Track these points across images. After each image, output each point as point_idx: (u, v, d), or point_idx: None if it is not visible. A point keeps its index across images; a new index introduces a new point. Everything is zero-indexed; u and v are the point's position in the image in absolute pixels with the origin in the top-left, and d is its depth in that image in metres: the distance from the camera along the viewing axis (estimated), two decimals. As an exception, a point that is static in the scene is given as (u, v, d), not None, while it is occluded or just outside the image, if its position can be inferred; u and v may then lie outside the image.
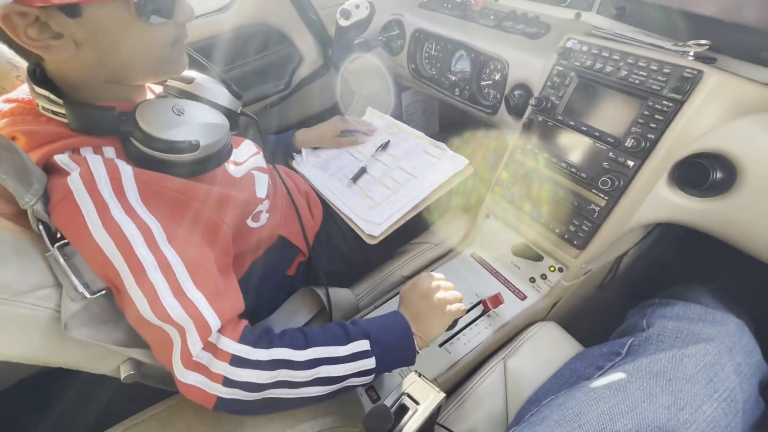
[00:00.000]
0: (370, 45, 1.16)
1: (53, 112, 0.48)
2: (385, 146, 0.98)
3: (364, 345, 0.55)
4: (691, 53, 0.62)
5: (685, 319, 0.61)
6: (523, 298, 0.82)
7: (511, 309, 0.80)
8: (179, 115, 0.52)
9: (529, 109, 0.80)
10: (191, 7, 0.51)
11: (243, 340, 0.50)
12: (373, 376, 0.56)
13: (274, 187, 0.77)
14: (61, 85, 0.50)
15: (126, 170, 0.48)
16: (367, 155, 0.99)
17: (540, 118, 0.77)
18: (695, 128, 0.59)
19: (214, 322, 0.48)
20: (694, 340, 0.56)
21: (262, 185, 0.71)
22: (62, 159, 0.47)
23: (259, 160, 0.75)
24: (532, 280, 0.83)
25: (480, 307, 0.78)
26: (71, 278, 0.46)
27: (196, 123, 0.53)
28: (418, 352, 0.60)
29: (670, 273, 0.96)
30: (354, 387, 0.57)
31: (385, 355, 0.56)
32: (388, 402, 0.50)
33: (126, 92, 0.56)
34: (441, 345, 0.75)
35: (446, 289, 0.65)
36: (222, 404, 0.49)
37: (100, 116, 0.49)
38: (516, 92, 0.86)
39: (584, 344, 0.73)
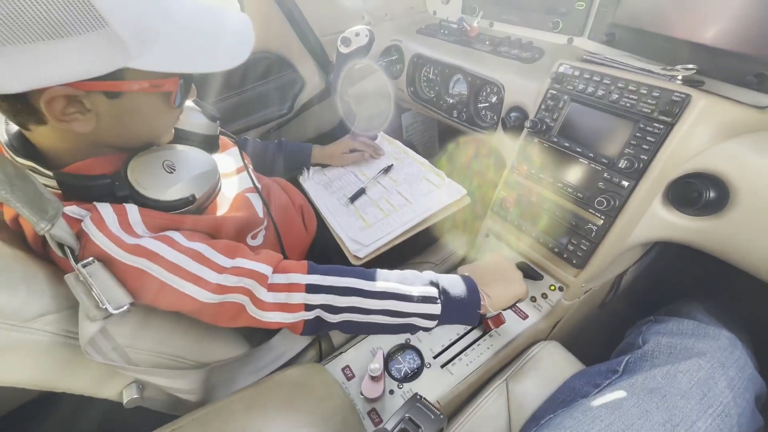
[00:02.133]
0: (370, 69, 1.20)
1: (42, 184, 0.47)
2: (387, 170, 1.00)
3: (432, 291, 0.59)
4: (680, 77, 0.64)
5: (678, 335, 0.61)
6: (525, 317, 0.82)
7: (513, 329, 0.80)
8: (171, 172, 0.54)
9: (525, 130, 0.82)
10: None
11: (311, 271, 0.57)
12: (437, 322, 0.60)
13: (268, 204, 0.79)
14: (46, 152, 0.50)
15: (132, 208, 0.51)
16: (370, 176, 1.01)
17: (536, 140, 0.79)
18: (686, 149, 0.61)
19: (264, 268, 0.54)
20: (687, 355, 0.57)
21: (258, 206, 0.73)
22: (72, 210, 0.49)
23: (245, 180, 0.76)
24: (533, 299, 0.83)
25: (482, 327, 0.78)
26: (97, 293, 0.46)
27: (189, 177, 0.55)
28: (482, 314, 0.63)
29: (671, 290, 0.96)
30: (420, 328, 0.60)
31: (451, 306, 0.60)
32: (389, 425, 0.50)
33: (113, 149, 0.56)
34: (443, 366, 0.74)
35: None
36: (309, 327, 0.57)
37: (95, 186, 0.50)
38: (512, 114, 0.89)
39: (587, 363, 0.73)
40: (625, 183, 0.65)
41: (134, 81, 0.45)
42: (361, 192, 0.95)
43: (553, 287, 0.80)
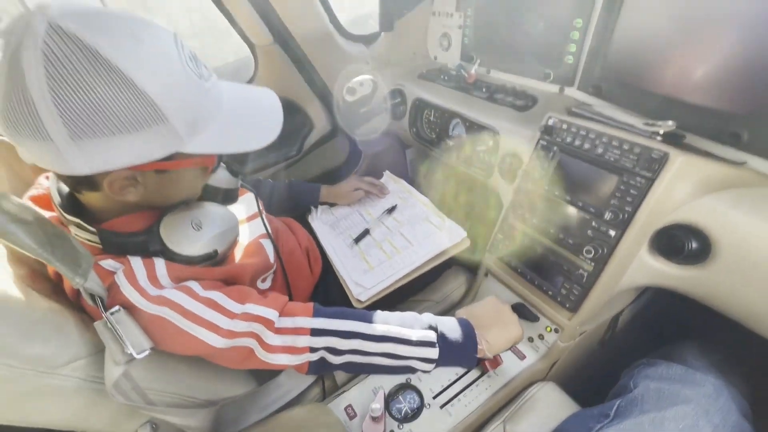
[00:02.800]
0: (374, 111, 1.27)
1: (86, 239, 0.55)
2: (391, 210, 1.05)
3: (430, 335, 0.63)
4: (660, 132, 0.68)
5: (667, 380, 0.63)
6: (523, 357, 0.84)
7: (510, 369, 0.82)
8: (198, 230, 0.60)
9: (519, 176, 0.86)
10: None
11: (316, 314, 0.61)
12: (434, 365, 0.63)
13: (278, 249, 0.84)
14: (90, 208, 0.57)
15: (159, 262, 0.57)
16: (374, 216, 1.06)
17: (528, 187, 0.84)
18: (668, 203, 0.64)
19: (271, 313, 0.58)
20: (674, 402, 0.59)
21: (270, 251, 0.79)
22: (108, 263, 0.55)
23: (259, 226, 0.82)
24: (531, 339, 0.85)
25: (480, 367, 0.81)
26: (123, 339, 0.51)
27: (214, 234, 0.61)
28: (479, 359, 0.66)
29: (666, 329, 0.97)
30: (418, 370, 0.64)
31: (448, 350, 0.63)
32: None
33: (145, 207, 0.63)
34: (442, 407, 0.77)
35: None
36: (313, 367, 0.62)
37: (131, 243, 0.56)
38: (507, 159, 0.93)
39: (584, 404, 0.75)
40: (612, 232, 0.69)
41: (182, 161, 0.53)
42: (366, 233, 1.00)
43: (549, 329, 0.82)
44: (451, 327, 0.66)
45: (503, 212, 0.91)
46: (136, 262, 0.56)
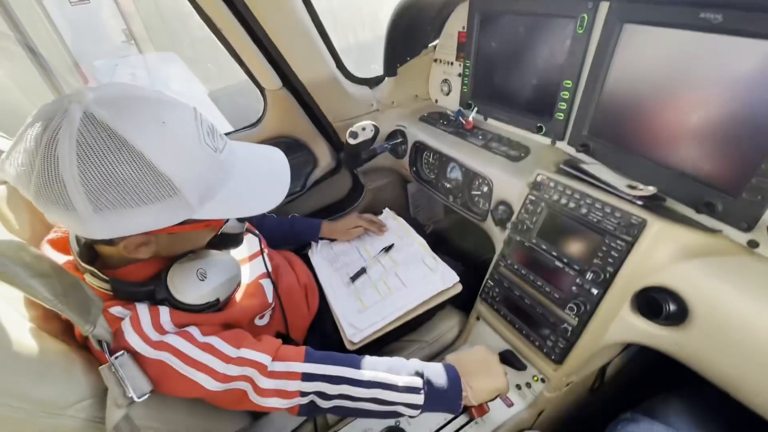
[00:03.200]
0: (376, 151, 1.33)
1: (98, 286, 0.60)
2: (388, 249, 1.09)
3: (417, 381, 0.66)
4: (641, 196, 0.72)
5: None
6: (510, 404, 0.85)
7: (497, 416, 0.84)
8: (203, 279, 0.64)
9: (509, 227, 0.90)
10: None
11: (308, 359, 0.64)
12: (420, 410, 0.66)
13: (277, 287, 0.88)
14: (106, 260, 0.62)
15: (164, 311, 0.61)
16: (372, 254, 1.10)
17: (518, 238, 0.87)
18: (647, 266, 0.67)
19: (264, 358, 0.62)
20: None
21: (269, 291, 0.82)
22: (117, 310, 0.60)
23: (260, 265, 0.87)
24: (519, 387, 0.87)
25: (468, 413, 0.82)
26: (125, 383, 0.55)
27: (218, 284, 0.66)
28: (464, 405, 0.69)
29: (653, 381, 0.98)
30: (404, 415, 0.67)
31: (434, 396, 0.66)
32: None
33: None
34: (429, 453, 0.79)
35: None
36: (303, 410, 0.65)
37: (140, 292, 0.61)
38: (500, 207, 0.97)
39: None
40: (595, 291, 0.72)
41: (192, 224, 0.57)
42: (362, 271, 1.04)
43: (536, 378, 0.84)
44: (437, 373, 0.69)
45: (494, 259, 0.94)
46: (143, 310, 0.60)
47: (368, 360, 0.69)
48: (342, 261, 1.12)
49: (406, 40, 1.22)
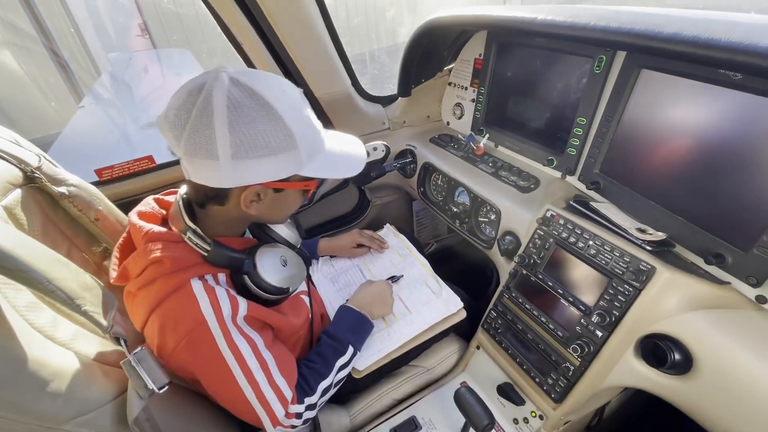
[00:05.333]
0: (385, 170, 1.33)
1: (196, 244, 0.64)
2: (396, 279, 1.07)
3: (351, 350, 0.83)
4: (650, 241, 0.72)
5: None
6: (507, 439, 0.85)
7: (493, 450, 0.83)
8: (284, 265, 0.72)
9: (516, 259, 0.90)
10: None
11: (299, 399, 0.72)
12: (354, 353, 0.83)
13: (311, 303, 0.92)
14: (204, 221, 0.67)
15: (242, 305, 0.65)
16: (375, 275, 1.10)
17: (524, 272, 0.87)
18: (654, 313, 0.67)
19: (289, 394, 0.69)
20: None
21: (308, 306, 0.89)
22: (197, 286, 0.62)
23: (303, 283, 0.89)
24: (516, 421, 0.86)
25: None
26: (144, 376, 0.58)
27: (293, 274, 0.73)
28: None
29: (652, 421, 0.98)
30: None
31: (359, 342, 0.86)
32: None
33: (244, 228, 0.77)
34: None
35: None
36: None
37: (234, 259, 0.66)
38: (507, 238, 0.97)
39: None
40: (599, 333, 0.72)
41: (295, 182, 0.64)
42: (365, 295, 1.03)
43: (534, 414, 0.84)
44: (349, 329, 0.86)
45: (498, 290, 0.94)
46: (223, 297, 0.63)
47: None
48: (343, 281, 1.11)
49: (422, 62, 1.23)
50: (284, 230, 0.83)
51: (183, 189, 0.70)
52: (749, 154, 0.62)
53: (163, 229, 0.65)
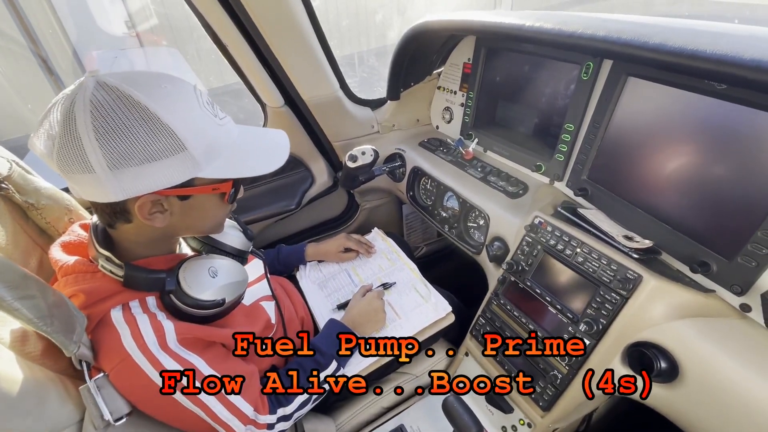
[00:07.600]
0: (374, 174, 1.32)
1: (110, 271, 0.59)
2: (388, 286, 1.05)
3: (334, 365, 0.80)
4: (637, 249, 0.72)
5: None
6: (495, 447, 0.84)
7: (481, 458, 0.82)
8: (213, 277, 0.66)
9: (504, 266, 0.89)
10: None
11: (271, 410, 0.70)
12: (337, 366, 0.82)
13: (279, 307, 0.88)
14: (120, 244, 0.63)
15: (168, 327, 0.60)
16: (364, 279, 1.08)
17: (512, 278, 0.87)
18: (640, 321, 0.67)
19: (249, 410, 0.66)
20: None
21: (271, 312, 0.84)
22: (117, 317, 0.58)
23: (264, 288, 0.87)
24: (504, 429, 0.86)
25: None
26: (101, 405, 0.55)
27: (225, 283, 0.67)
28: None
29: (639, 429, 0.98)
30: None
31: (344, 358, 0.84)
32: None
33: (171, 245, 0.71)
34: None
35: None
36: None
37: (152, 279, 0.61)
38: (495, 244, 0.97)
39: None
40: (587, 341, 0.71)
41: (200, 186, 0.59)
42: (353, 301, 1.02)
43: (522, 422, 0.83)
44: (330, 344, 0.83)
45: (487, 296, 0.94)
46: (145, 324, 0.59)
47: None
48: (331, 286, 1.10)
49: (411, 66, 1.22)
50: (231, 236, 0.79)
51: None
52: (733, 163, 0.63)
53: (78, 259, 0.61)
